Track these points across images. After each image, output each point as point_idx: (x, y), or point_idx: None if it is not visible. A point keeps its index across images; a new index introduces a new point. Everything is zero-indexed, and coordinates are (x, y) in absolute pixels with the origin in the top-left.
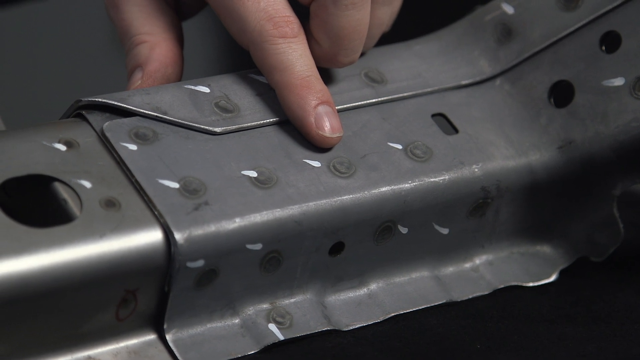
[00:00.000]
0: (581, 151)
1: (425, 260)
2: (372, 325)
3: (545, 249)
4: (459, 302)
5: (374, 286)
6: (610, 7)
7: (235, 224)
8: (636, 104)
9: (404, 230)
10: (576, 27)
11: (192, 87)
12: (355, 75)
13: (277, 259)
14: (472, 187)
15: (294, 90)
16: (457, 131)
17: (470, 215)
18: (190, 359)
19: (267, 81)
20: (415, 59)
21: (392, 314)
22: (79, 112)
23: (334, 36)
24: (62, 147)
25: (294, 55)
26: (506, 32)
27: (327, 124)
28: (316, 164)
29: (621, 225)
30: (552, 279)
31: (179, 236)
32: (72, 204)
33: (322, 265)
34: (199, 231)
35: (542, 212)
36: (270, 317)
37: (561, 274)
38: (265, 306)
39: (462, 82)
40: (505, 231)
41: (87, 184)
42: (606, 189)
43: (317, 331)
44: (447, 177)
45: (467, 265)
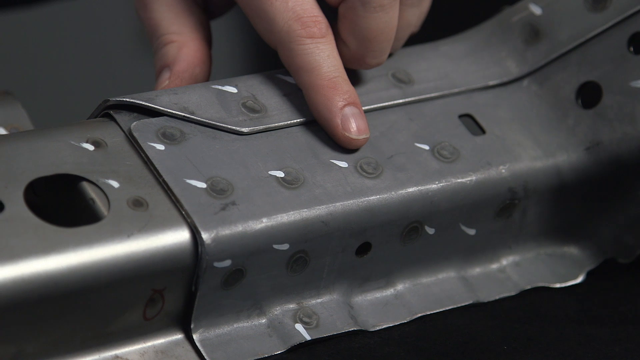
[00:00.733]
0: (609, 152)
1: (451, 260)
2: (399, 325)
3: (572, 250)
4: (485, 303)
5: (400, 287)
6: (638, 8)
7: (262, 224)
8: None
9: (430, 230)
10: (604, 28)
11: (219, 87)
12: (382, 75)
13: (303, 259)
14: (499, 188)
15: (320, 91)
16: (484, 132)
17: (497, 216)
18: (216, 358)
19: (295, 81)
20: (442, 60)
21: (419, 315)
22: (106, 111)
23: (362, 38)
24: (90, 147)
25: (322, 55)
26: (534, 33)
27: (354, 125)
28: (343, 165)
29: None
30: (579, 280)
31: (206, 236)
32: (100, 204)
33: (348, 265)
34: (226, 231)
35: (569, 213)
36: (297, 317)
37: (588, 275)
38: (292, 306)
39: (490, 83)
40: (532, 232)
41: (114, 184)
42: (633, 190)
43: (343, 331)
44: (474, 177)
45: (494, 266)
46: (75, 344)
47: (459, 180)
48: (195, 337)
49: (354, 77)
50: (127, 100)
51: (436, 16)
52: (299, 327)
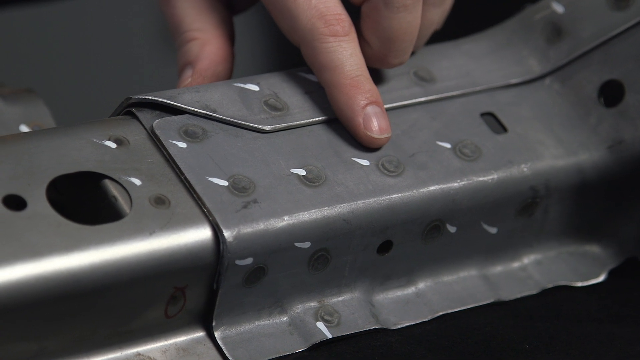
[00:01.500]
0: (631, 151)
1: (473, 259)
2: (420, 324)
3: (594, 249)
4: (507, 301)
5: (422, 285)
6: None
7: (284, 222)
8: None
9: (452, 229)
10: (627, 26)
11: (241, 85)
12: (404, 74)
13: (325, 258)
14: (521, 187)
15: (343, 89)
16: (506, 130)
17: (518, 214)
18: (238, 356)
19: (317, 79)
20: (464, 58)
21: (440, 313)
22: (129, 109)
23: (385, 38)
24: (112, 145)
25: (345, 54)
26: (556, 31)
27: (376, 125)
28: (365, 163)
29: None
30: (600, 279)
31: (228, 234)
32: (122, 202)
33: (370, 263)
34: (248, 229)
35: (591, 211)
36: (318, 315)
37: (610, 274)
38: (313, 304)
39: (511, 81)
40: (553, 231)
41: (137, 182)
42: None
43: (365, 330)
44: (495, 176)
45: (516, 264)
46: (96, 342)
47: (480, 178)
48: (216, 334)
49: (376, 75)
50: (150, 98)
51: (458, 14)
52: (320, 325)
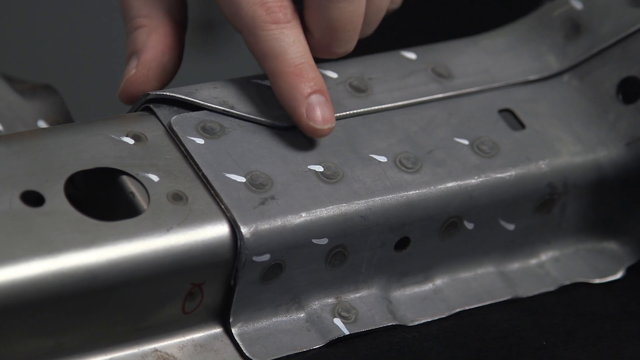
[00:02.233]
0: None
1: (490, 256)
2: (437, 320)
3: (611, 246)
4: (524, 298)
5: (439, 281)
6: None
7: (301, 218)
8: None
9: (469, 225)
10: None
11: (259, 82)
12: (422, 70)
13: (342, 254)
14: (539, 183)
15: (285, 78)
16: (523, 127)
17: (536, 211)
18: (255, 352)
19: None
20: (482, 54)
21: (458, 310)
22: (146, 105)
23: (327, 27)
24: (130, 141)
25: (287, 41)
26: (574, 27)
27: (319, 114)
28: (382, 159)
29: None
30: (618, 276)
31: (245, 230)
32: (140, 198)
33: (387, 260)
34: (265, 225)
35: (609, 208)
36: (335, 311)
37: (628, 271)
38: (330, 301)
39: (530, 78)
40: (571, 227)
41: (154, 178)
42: None
43: (382, 326)
44: (513, 172)
45: (533, 261)
46: (114, 338)
47: (498, 175)
48: (234, 331)
49: (393, 71)
50: (167, 94)
51: (471, 13)
52: (337, 321)
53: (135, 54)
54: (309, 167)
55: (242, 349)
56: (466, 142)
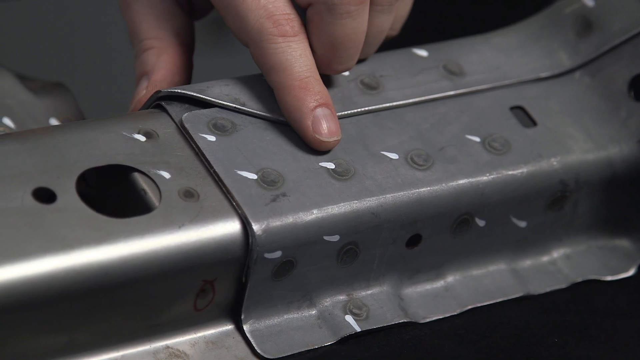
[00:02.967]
0: None
1: (502, 253)
2: (449, 317)
3: (623, 243)
4: (536, 295)
5: (450, 279)
6: None
7: (312, 215)
8: None
9: (481, 223)
10: None
11: None
12: (433, 67)
13: (354, 251)
14: (551, 180)
15: (291, 91)
16: (535, 124)
17: (548, 208)
18: (267, 349)
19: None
20: (493, 52)
21: (469, 307)
22: (158, 103)
23: (328, 44)
24: (141, 138)
25: (294, 55)
26: (586, 24)
27: (325, 127)
28: (394, 156)
29: None
30: (630, 273)
31: (256, 227)
32: (151, 195)
33: (399, 257)
34: (277, 222)
35: (621, 205)
36: (347, 308)
37: None
38: (342, 298)
39: (541, 75)
40: (583, 225)
41: (166, 175)
42: None
43: (393, 323)
44: (525, 170)
45: (545, 258)
46: (126, 334)
47: (510, 172)
48: (245, 327)
49: (405, 69)
50: (179, 91)
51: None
52: (349, 318)
53: (145, 75)
54: (320, 164)
55: (254, 345)
56: (478, 139)
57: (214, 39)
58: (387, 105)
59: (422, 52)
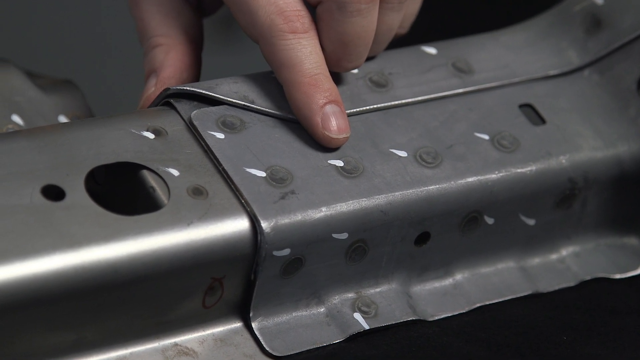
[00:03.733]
0: None
1: (511, 251)
2: (457, 315)
3: (632, 241)
4: (544, 293)
5: (459, 276)
6: None
7: (321, 213)
8: None
9: (490, 220)
10: None
11: None
12: (442, 65)
13: (362, 249)
14: (559, 178)
15: (301, 88)
16: (544, 122)
17: (557, 206)
18: (275, 347)
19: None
20: (502, 50)
21: (478, 305)
22: (167, 100)
23: (338, 42)
24: (150, 135)
25: (304, 52)
26: (595, 22)
27: (334, 124)
28: (402, 154)
29: None
30: (639, 271)
31: (265, 225)
32: (160, 192)
33: (407, 255)
34: (286, 220)
35: (629, 203)
36: (355, 306)
37: None
38: (350, 295)
39: (550, 73)
40: (592, 223)
41: (174, 172)
42: None
43: (402, 321)
44: (534, 167)
45: (553, 256)
46: (134, 332)
47: (518, 170)
48: (254, 325)
49: (414, 66)
50: (188, 89)
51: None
52: (357, 316)
53: (153, 72)
54: (329, 161)
55: (262, 343)
56: (486, 137)
57: (223, 36)
58: (396, 102)
59: (431, 50)
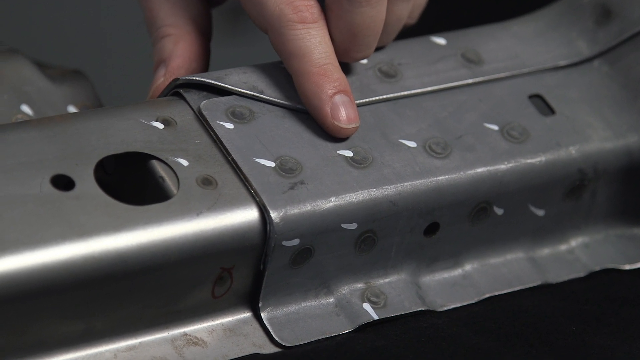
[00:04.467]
0: None
1: (520, 241)
2: (467, 306)
3: None
4: (554, 284)
5: (468, 267)
6: None
7: (330, 203)
8: None
9: (499, 211)
10: None
11: None
12: (451, 55)
13: (372, 239)
14: (569, 169)
15: (310, 78)
16: (554, 112)
17: (566, 197)
18: (284, 337)
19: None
20: (512, 40)
21: (487, 295)
22: (176, 90)
23: (347, 32)
24: (159, 125)
25: (313, 42)
26: (605, 13)
27: (344, 114)
28: (412, 144)
29: None
30: None
31: (274, 215)
32: (170, 182)
33: (416, 245)
34: (295, 210)
35: (639, 194)
36: (364, 296)
37: None
38: (359, 286)
39: (560, 63)
40: (601, 213)
41: (184, 162)
42: None
43: (411, 311)
44: (543, 158)
45: (563, 247)
46: (144, 321)
47: (528, 160)
48: (263, 315)
49: (424, 57)
50: (197, 79)
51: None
52: (366, 306)
53: (162, 62)
54: (338, 152)
55: (272, 333)
56: (496, 127)
57: (232, 27)
58: (405, 93)
59: (440, 40)
